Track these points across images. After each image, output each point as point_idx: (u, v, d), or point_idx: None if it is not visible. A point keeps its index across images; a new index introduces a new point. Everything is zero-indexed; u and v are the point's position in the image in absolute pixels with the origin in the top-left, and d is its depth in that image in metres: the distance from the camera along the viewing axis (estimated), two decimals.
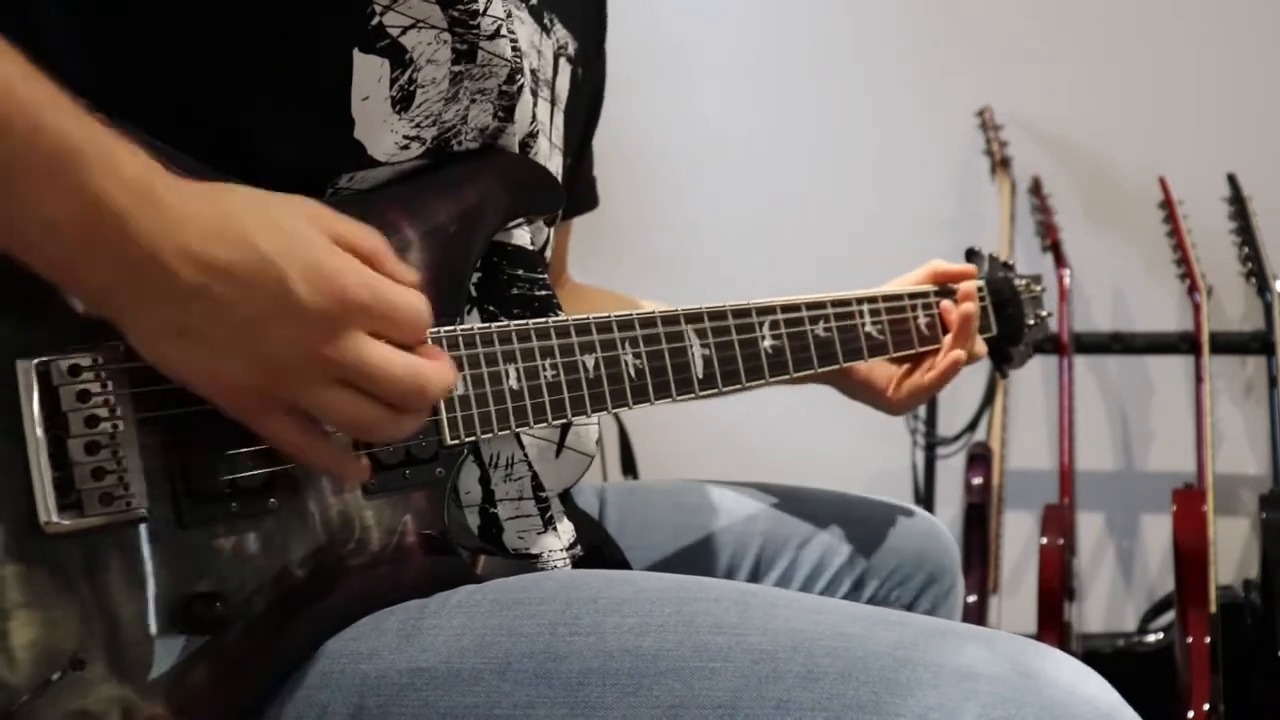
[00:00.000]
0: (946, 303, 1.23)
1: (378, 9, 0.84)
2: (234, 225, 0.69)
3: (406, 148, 0.88)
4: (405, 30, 0.86)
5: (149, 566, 0.72)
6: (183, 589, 0.73)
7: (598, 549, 0.99)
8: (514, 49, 0.92)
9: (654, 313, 0.97)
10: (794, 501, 1.28)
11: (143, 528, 0.72)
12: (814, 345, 1.10)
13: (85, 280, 0.68)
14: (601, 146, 1.23)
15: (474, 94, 0.90)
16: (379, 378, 0.72)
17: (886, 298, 1.18)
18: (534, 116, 0.97)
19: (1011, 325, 1.32)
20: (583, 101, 1.12)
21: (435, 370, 0.75)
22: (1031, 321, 1.33)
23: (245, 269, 0.68)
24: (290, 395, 0.71)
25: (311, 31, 0.83)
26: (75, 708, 0.69)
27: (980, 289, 1.29)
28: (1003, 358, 1.34)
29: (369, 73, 0.85)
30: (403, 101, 0.87)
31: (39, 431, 0.69)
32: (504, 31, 0.91)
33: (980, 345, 1.25)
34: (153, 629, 0.72)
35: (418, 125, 0.88)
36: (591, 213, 1.26)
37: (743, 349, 1.03)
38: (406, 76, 0.86)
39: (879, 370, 1.24)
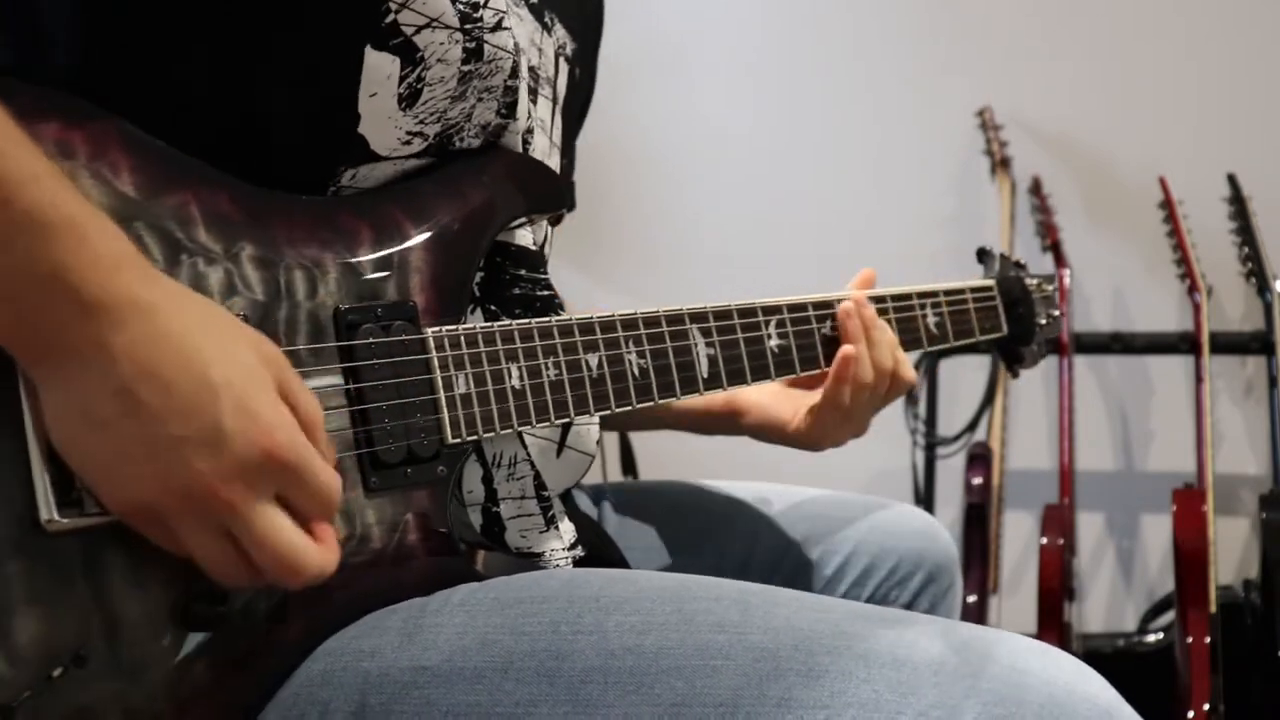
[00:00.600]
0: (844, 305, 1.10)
1: (393, 7, 0.84)
2: (191, 339, 0.68)
3: (409, 143, 0.88)
4: (419, 29, 0.86)
5: (150, 564, 0.72)
6: (184, 586, 0.73)
7: (597, 550, 0.99)
8: (515, 43, 0.93)
9: (658, 312, 0.97)
10: (792, 502, 1.28)
11: None
12: (820, 344, 1.10)
13: (20, 341, 0.66)
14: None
15: (481, 92, 0.91)
16: (263, 546, 0.70)
17: (895, 297, 1.18)
18: (530, 112, 0.97)
19: (1022, 325, 1.32)
20: (576, 102, 1.12)
21: (317, 557, 0.72)
22: (1043, 321, 1.33)
23: (184, 388, 0.67)
24: (171, 521, 0.69)
25: (324, 27, 0.84)
26: (77, 704, 0.69)
27: (990, 288, 1.29)
28: (1014, 357, 1.34)
29: (379, 70, 0.85)
30: (409, 99, 0.87)
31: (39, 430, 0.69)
32: (505, 24, 0.91)
33: (908, 370, 1.14)
34: (155, 626, 0.72)
35: (421, 121, 0.88)
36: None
37: (748, 347, 1.03)
38: (415, 75, 0.87)
39: (780, 404, 1.17)
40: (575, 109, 1.12)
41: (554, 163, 1.02)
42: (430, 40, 0.86)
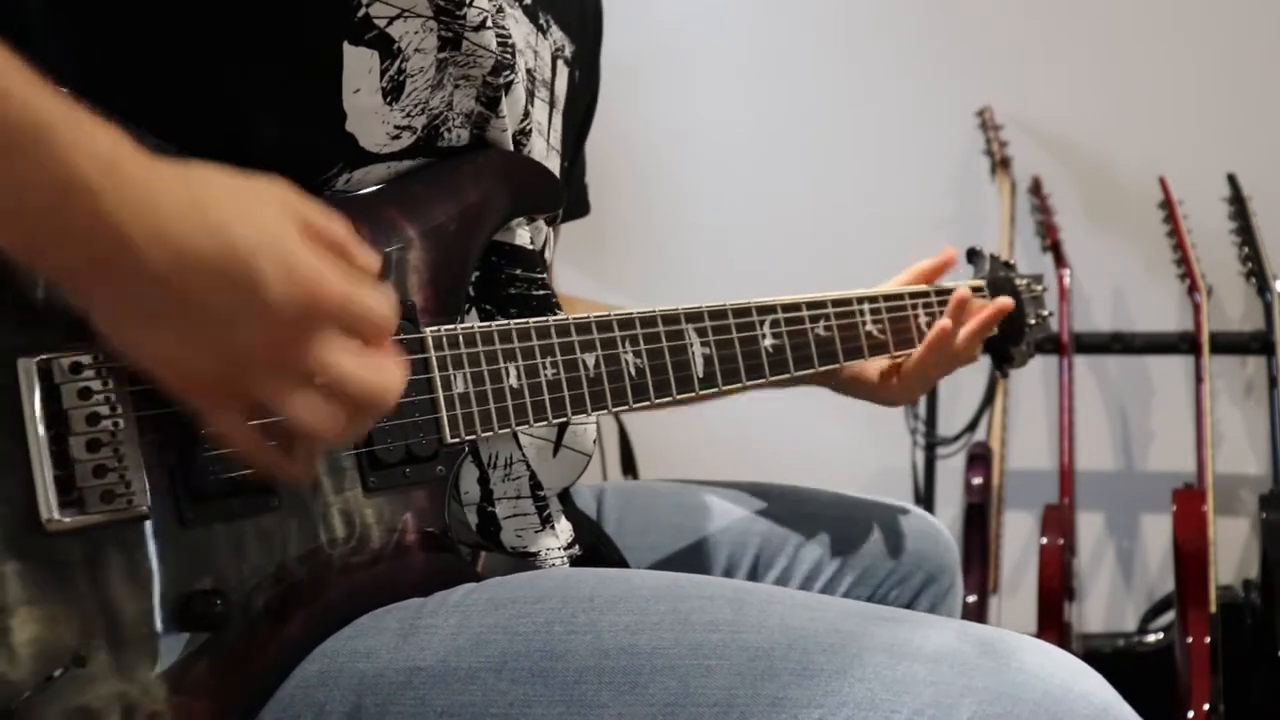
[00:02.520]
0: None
1: (364, 0, 0.85)
2: (209, 211, 0.65)
3: (397, 137, 0.89)
4: (392, 20, 0.86)
5: (150, 564, 0.72)
6: (183, 586, 0.73)
7: (596, 549, 1.00)
8: (501, 42, 0.92)
9: (654, 312, 0.98)
10: (793, 502, 1.28)
11: (144, 525, 0.72)
12: (814, 344, 1.10)
13: (52, 259, 0.65)
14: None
15: (458, 79, 0.91)
16: (345, 383, 0.69)
17: (887, 297, 1.19)
18: (526, 113, 0.97)
19: (1012, 325, 1.32)
20: (579, 105, 1.12)
21: (395, 374, 0.71)
22: (1033, 321, 1.34)
23: (217, 260, 0.65)
24: (253, 392, 0.68)
25: (300, 26, 0.84)
26: (76, 704, 0.69)
27: (980, 288, 1.30)
28: (1003, 357, 1.34)
29: (359, 65, 0.85)
30: (393, 92, 0.87)
31: (41, 429, 0.69)
32: (490, 24, 0.91)
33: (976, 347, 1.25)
34: (154, 626, 0.72)
35: (408, 115, 0.89)
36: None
37: (743, 347, 1.03)
38: (396, 67, 0.87)
39: (871, 365, 1.24)
40: (578, 112, 1.12)
41: (552, 166, 1.02)
42: (404, 30, 0.87)
